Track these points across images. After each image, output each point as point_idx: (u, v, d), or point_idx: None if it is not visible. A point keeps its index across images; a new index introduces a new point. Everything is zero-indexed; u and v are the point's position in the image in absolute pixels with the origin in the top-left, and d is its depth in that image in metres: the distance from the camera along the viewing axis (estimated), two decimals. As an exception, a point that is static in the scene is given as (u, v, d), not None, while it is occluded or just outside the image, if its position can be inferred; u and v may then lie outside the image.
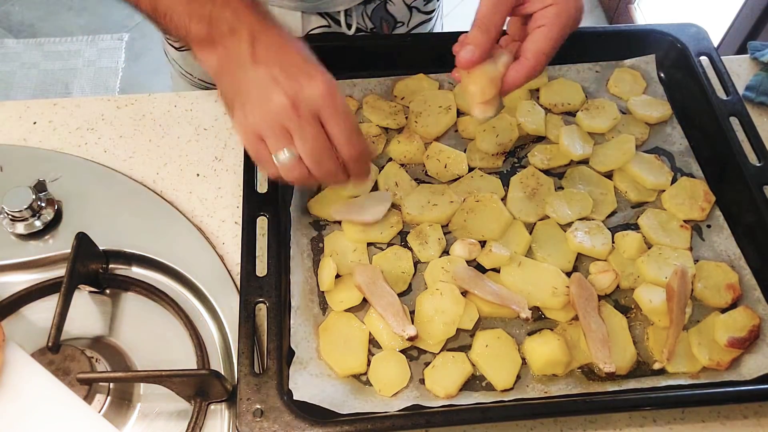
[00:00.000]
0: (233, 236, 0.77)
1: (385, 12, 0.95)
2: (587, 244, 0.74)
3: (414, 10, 0.98)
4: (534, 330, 0.70)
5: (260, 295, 0.66)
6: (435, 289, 0.70)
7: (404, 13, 0.97)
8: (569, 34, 0.67)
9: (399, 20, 0.98)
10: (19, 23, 2.56)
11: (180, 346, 0.69)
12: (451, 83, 0.88)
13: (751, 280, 0.73)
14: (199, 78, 1.01)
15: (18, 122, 0.86)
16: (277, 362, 0.63)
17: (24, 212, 0.74)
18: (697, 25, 0.89)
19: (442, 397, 0.65)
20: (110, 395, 0.65)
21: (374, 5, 0.93)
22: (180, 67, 1.02)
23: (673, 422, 0.67)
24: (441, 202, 0.77)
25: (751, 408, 0.68)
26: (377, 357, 0.68)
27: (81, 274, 0.69)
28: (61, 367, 0.64)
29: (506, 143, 0.82)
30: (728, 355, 0.67)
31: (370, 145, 0.79)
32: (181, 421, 0.65)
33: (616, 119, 0.85)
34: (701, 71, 0.84)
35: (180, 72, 1.03)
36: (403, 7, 0.96)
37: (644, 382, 0.66)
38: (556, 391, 0.66)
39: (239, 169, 0.76)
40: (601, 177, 0.81)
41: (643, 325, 0.71)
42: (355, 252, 0.74)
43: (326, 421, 0.60)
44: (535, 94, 0.88)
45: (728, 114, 0.81)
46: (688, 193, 0.79)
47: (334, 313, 0.70)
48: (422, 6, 0.98)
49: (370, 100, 0.86)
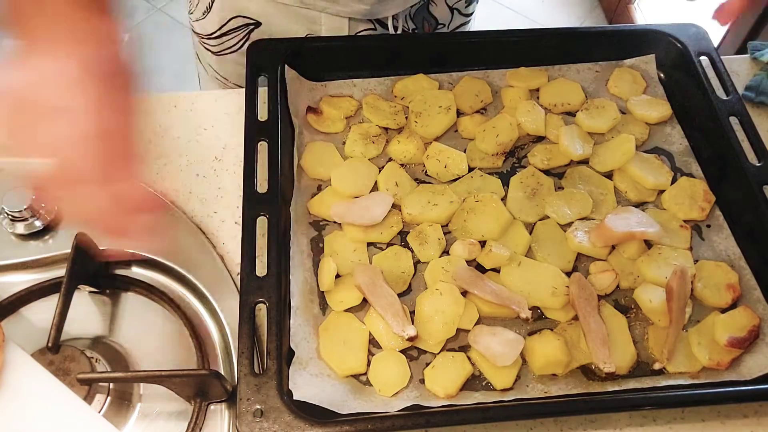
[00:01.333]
0: (233, 236, 0.77)
1: (427, 13, 0.95)
2: (587, 244, 0.74)
3: (455, 12, 0.98)
4: (534, 330, 0.70)
5: (260, 295, 0.66)
6: (435, 289, 0.70)
7: (446, 15, 0.98)
8: (569, 35, 0.67)
9: (441, 22, 0.98)
10: (19, 23, 2.56)
11: (180, 346, 0.69)
12: (451, 83, 0.88)
13: (751, 280, 0.73)
14: (235, 83, 1.01)
15: (18, 122, 0.86)
16: (277, 362, 0.63)
17: (24, 212, 0.74)
18: (697, 25, 0.89)
19: (442, 397, 0.65)
20: (110, 395, 0.65)
21: (417, 6, 0.93)
22: (215, 72, 1.02)
23: (673, 422, 0.67)
24: (441, 202, 0.77)
25: (751, 408, 0.68)
26: (377, 357, 0.68)
27: (81, 274, 0.69)
28: (61, 367, 0.64)
29: (506, 143, 0.82)
30: (728, 355, 0.67)
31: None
32: (181, 421, 0.65)
33: (616, 119, 0.85)
34: (701, 71, 0.84)
35: (214, 76, 1.03)
36: (445, 8, 0.96)
37: (644, 382, 0.66)
38: (556, 391, 0.66)
39: (239, 169, 0.76)
40: (601, 177, 0.81)
41: (643, 325, 0.71)
42: (355, 252, 0.74)
43: (326, 421, 0.60)
44: (535, 94, 0.88)
45: (728, 114, 0.81)
46: (688, 193, 0.79)
47: (334, 313, 0.70)
48: (463, 8, 0.99)
49: (370, 100, 0.86)
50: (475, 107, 0.86)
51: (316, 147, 0.82)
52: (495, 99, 0.88)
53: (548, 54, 0.89)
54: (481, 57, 0.89)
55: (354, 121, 0.85)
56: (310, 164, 0.80)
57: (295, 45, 0.86)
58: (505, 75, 0.89)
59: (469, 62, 0.89)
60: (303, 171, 0.80)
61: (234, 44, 0.95)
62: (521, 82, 0.88)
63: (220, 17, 0.93)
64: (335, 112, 0.84)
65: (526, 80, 0.88)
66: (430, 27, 0.98)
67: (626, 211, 0.75)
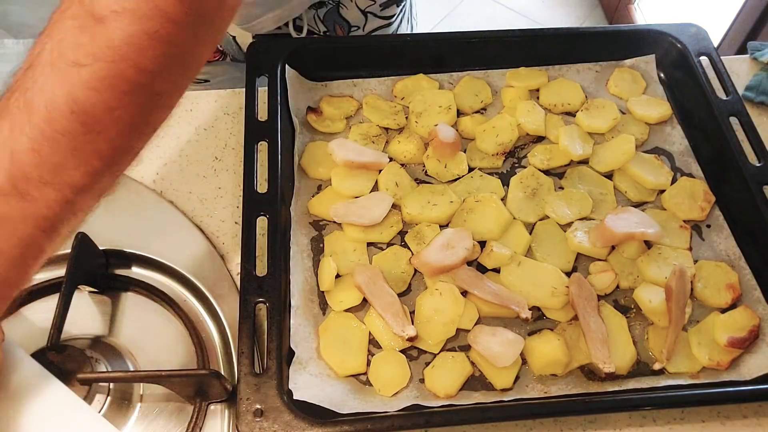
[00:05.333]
0: (233, 236, 0.77)
1: (338, 16, 0.94)
2: (587, 244, 0.74)
3: (369, 15, 0.96)
4: (534, 330, 0.70)
5: (260, 295, 0.66)
6: (435, 289, 0.70)
7: (359, 18, 0.96)
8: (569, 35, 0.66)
9: (354, 24, 0.97)
10: (19, 23, 2.56)
11: (180, 346, 0.69)
12: (451, 83, 0.88)
13: (751, 280, 0.73)
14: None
15: (18, 122, 0.86)
16: (277, 362, 0.63)
17: (24, 212, 0.73)
18: (697, 25, 0.89)
19: (442, 397, 0.65)
20: (110, 395, 0.65)
21: (326, 9, 0.92)
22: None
23: (673, 422, 0.67)
24: (441, 202, 0.77)
25: (751, 408, 0.68)
26: (377, 357, 0.68)
27: (81, 274, 0.69)
28: (61, 367, 0.64)
29: (506, 143, 0.82)
30: (728, 355, 0.67)
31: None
32: (181, 421, 0.65)
33: (616, 119, 0.85)
34: (701, 71, 0.84)
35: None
36: (358, 12, 0.95)
37: (644, 382, 0.66)
38: (555, 391, 0.66)
39: (239, 169, 0.76)
40: (601, 177, 0.81)
41: (642, 325, 0.71)
42: (355, 252, 0.74)
43: (326, 421, 0.60)
44: (535, 94, 0.88)
45: (728, 114, 0.81)
46: (688, 193, 0.79)
47: (334, 313, 0.70)
48: (378, 11, 0.97)
49: (370, 100, 0.86)
50: (475, 107, 0.86)
51: (316, 147, 0.82)
52: (495, 99, 0.88)
53: (548, 54, 0.89)
54: (481, 57, 0.89)
55: (354, 121, 0.85)
56: (310, 164, 0.80)
57: (295, 45, 0.86)
58: (505, 75, 0.89)
59: (469, 62, 0.89)
60: (303, 171, 0.80)
61: None
62: (521, 82, 0.87)
63: None
64: (335, 112, 0.84)
65: (526, 80, 0.88)
66: (343, 30, 0.97)
67: (626, 211, 0.75)
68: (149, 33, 0.46)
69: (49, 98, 0.46)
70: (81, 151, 0.48)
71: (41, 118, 0.46)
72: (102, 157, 0.49)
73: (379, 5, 0.96)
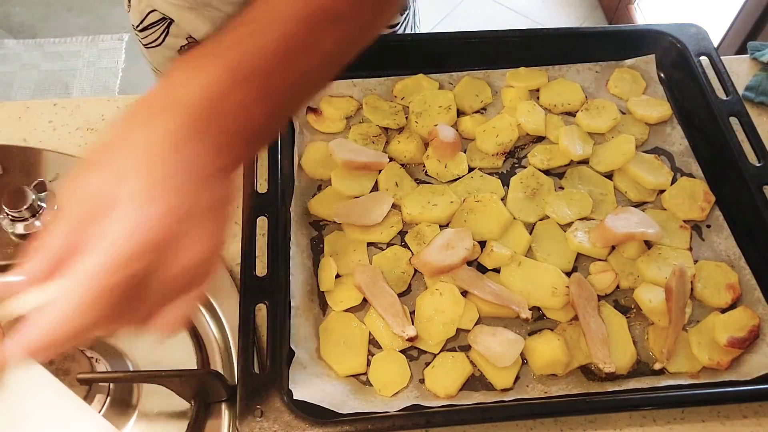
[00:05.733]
0: (233, 236, 0.77)
1: None
2: (587, 244, 0.74)
3: None
4: (534, 330, 0.70)
5: (260, 295, 0.66)
6: (435, 289, 0.70)
7: None
8: (569, 35, 0.66)
9: None
10: (20, 24, 2.56)
11: (180, 346, 0.69)
12: (451, 83, 0.88)
13: (751, 280, 0.73)
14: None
15: (18, 122, 0.86)
16: (277, 362, 0.63)
17: (24, 212, 0.73)
18: (697, 25, 0.89)
19: (442, 397, 0.65)
20: (110, 395, 0.65)
21: None
22: (149, 62, 1.02)
23: (673, 422, 0.67)
24: (441, 202, 0.77)
25: (751, 408, 0.68)
26: (377, 357, 0.68)
27: (81, 274, 0.69)
28: (61, 367, 0.64)
29: (506, 143, 0.82)
30: (728, 355, 0.67)
31: None
32: (181, 421, 0.65)
33: (616, 119, 0.85)
34: (701, 71, 0.84)
35: (149, 67, 1.04)
36: None
37: (644, 382, 0.66)
38: (556, 391, 0.66)
39: (239, 169, 0.76)
40: (601, 177, 0.81)
41: (643, 325, 0.71)
42: (355, 252, 0.74)
43: (326, 421, 0.60)
44: (535, 95, 0.88)
45: (728, 114, 0.81)
46: (688, 193, 0.79)
47: (334, 314, 0.70)
48: None
49: (370, 100, 0.86)
50: (475, 107, 0.86)
51: (316, 147, 0.82)
52: (495, 99, 0.88)
53: (548, 54, 0.89)
54: (481, 57, 0.89)
55: (354, 121, 0.85)
56: (310, 164, 0.80)
57: (295, 45, 0.86)
58: (505, 75, 0.89)
59: (469, 62, 0.89)
60: (303, 171, 0.80)
61: (156, 38, 0.95)
62: (521, 82, 0.87)
63: (140, 11, 0.93)
64: (335, 112, 0.84)
65: (526, 80, 0.88)
66: None
67: (626, 211, 0.75)
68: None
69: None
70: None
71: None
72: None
73: None
